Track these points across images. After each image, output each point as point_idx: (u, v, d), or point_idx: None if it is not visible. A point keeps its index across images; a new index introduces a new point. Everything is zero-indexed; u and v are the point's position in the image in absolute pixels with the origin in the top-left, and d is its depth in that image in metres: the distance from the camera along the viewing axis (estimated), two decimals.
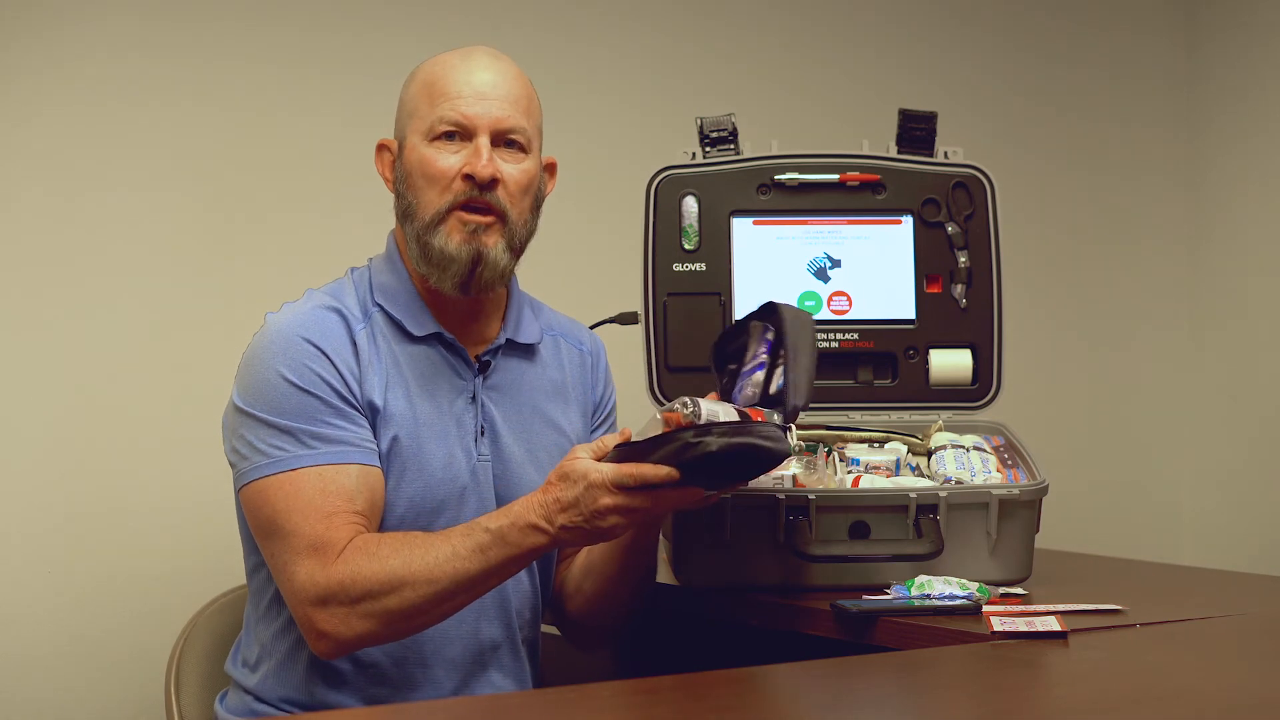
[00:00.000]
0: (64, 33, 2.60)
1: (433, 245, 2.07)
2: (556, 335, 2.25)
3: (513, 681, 2.14)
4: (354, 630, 1.96)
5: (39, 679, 2.54)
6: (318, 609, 1.95)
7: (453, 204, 2.07)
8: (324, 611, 1.95)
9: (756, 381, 2.11)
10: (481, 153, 2.06)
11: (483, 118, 2.07)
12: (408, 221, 2.10)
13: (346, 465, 2.00)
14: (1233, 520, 3.49)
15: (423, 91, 2.10)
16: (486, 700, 2.03)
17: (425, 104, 2.09)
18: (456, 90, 2.08)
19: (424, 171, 2.08)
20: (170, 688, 2.26)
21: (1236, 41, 3.50)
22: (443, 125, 2.07)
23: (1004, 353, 2.48)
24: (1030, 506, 2.23)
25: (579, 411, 2.24)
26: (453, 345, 2.12)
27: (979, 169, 2.49)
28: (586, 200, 2.97)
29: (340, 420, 2.02)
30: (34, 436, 2.57)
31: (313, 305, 2.08)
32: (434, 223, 2.07)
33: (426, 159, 2.08)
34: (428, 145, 2.08)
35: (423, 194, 2.08)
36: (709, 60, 3.15)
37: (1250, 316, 3.46)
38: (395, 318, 2.10)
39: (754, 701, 1.64)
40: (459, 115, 2.07)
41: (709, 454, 1.89)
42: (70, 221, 2.60)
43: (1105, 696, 1.63)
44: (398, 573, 1.94)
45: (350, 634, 1.96)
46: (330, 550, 1.96)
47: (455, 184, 2.07)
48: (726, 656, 1.95)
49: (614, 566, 2.15)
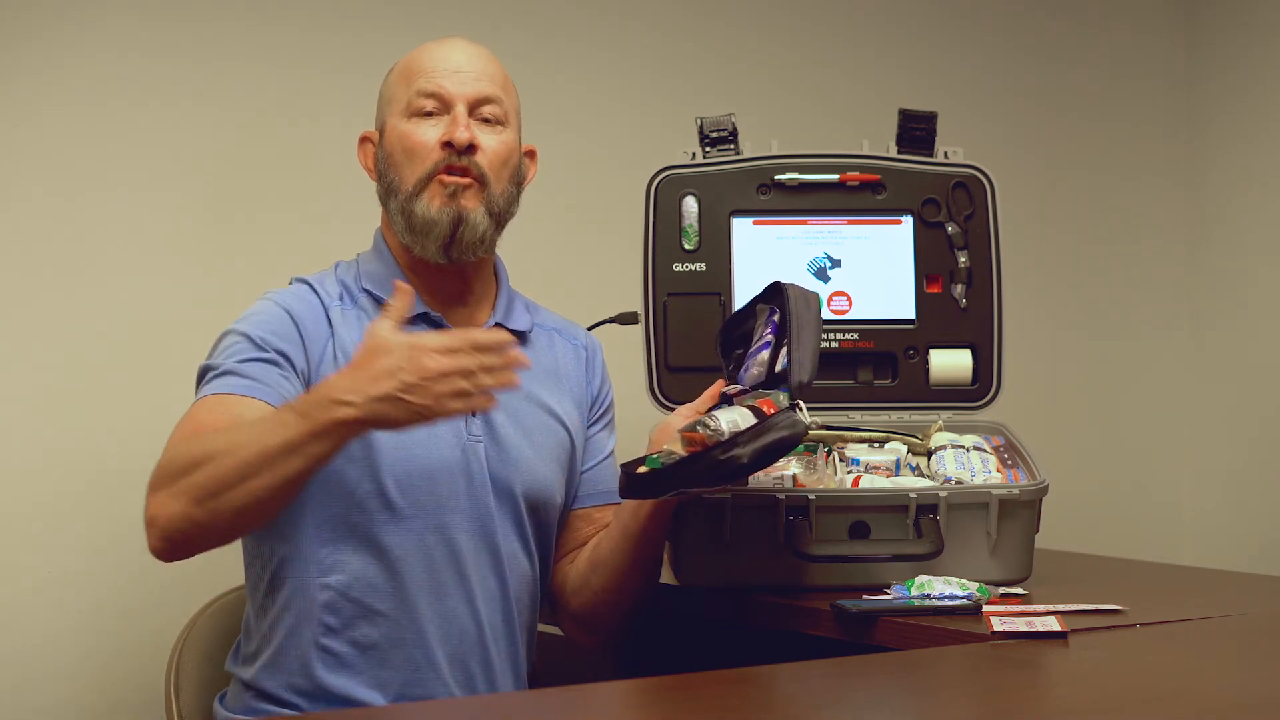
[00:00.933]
0: (64, 33, 2.60)
1: (415, 213, 2.12)
2: (550, 331, 2.27)
3: (510, 667, 2.14)
4: (169, 510, 1.92)
5: (39, 679, 2.54)
6: (149, 499, 1.95)
7: (432, 171, 2.12)
8: (151, 498, 1.95)
9: (762, 361, 2.15)
10: (459, 120, 2.12)
11: (459, 88, 2.14)
12: (391, 198, 2.15)
13: (249, 398, 2.01)
14: (1233, 520, 3.48)
15: (399, 77, 2.17)
16: (487, 700, 2.03)
17: (402, 86, 2.16)
18: (432, 67, 2.15)
19: (404, 145, 2.13)
20: (170, 688, 2.27)
21: (1236, 42, 3.50)
22: (419, 99, 2.13)
23: (1004, 353, 2.48)
24: (1030, 506, 2.23)
25: (573, 401, 2.25)
26: (439, 324, 2.14)
27: (979, 169, 2.49)
28: (587, 200, 2.97)
29: (263, 365, 2.04)
30: (34, 436, 2.56)
31: (292, 286, 2.17)
32: (416, 191, 2.12)
33: (405, 133, 2.13)
34: (406, 122, 2.14)
35: (403, 168, 2.13)
36: (709, 60, 3.15)
37: (1251, 316, 3.46)
38: (383, 300, 2.11)
39: (754, 701, 1.64)
40: (434, 87, 2.13)
41: (742, 465, 1.95)
42: (69, 221, 2.60)
43: (1105, 696, 1.63)
44: (207, 449, 1.92)
45: (165, 514, 1.92)
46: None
47: (435, 153, 2.12)
48: (726, 656, 1.95)
49: (625, 558, 2.15)
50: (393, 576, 2.07)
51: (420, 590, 2.08)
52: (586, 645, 2.27)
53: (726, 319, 2.29)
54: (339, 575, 2.06)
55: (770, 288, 2.21)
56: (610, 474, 2.26)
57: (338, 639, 2.06)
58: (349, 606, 2.07)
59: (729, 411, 2.02)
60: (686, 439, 2.00)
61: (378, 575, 2.07)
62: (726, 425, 1.98)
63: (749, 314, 2.24)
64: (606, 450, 2.29)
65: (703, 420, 2.00)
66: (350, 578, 2.07)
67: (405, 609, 2.07)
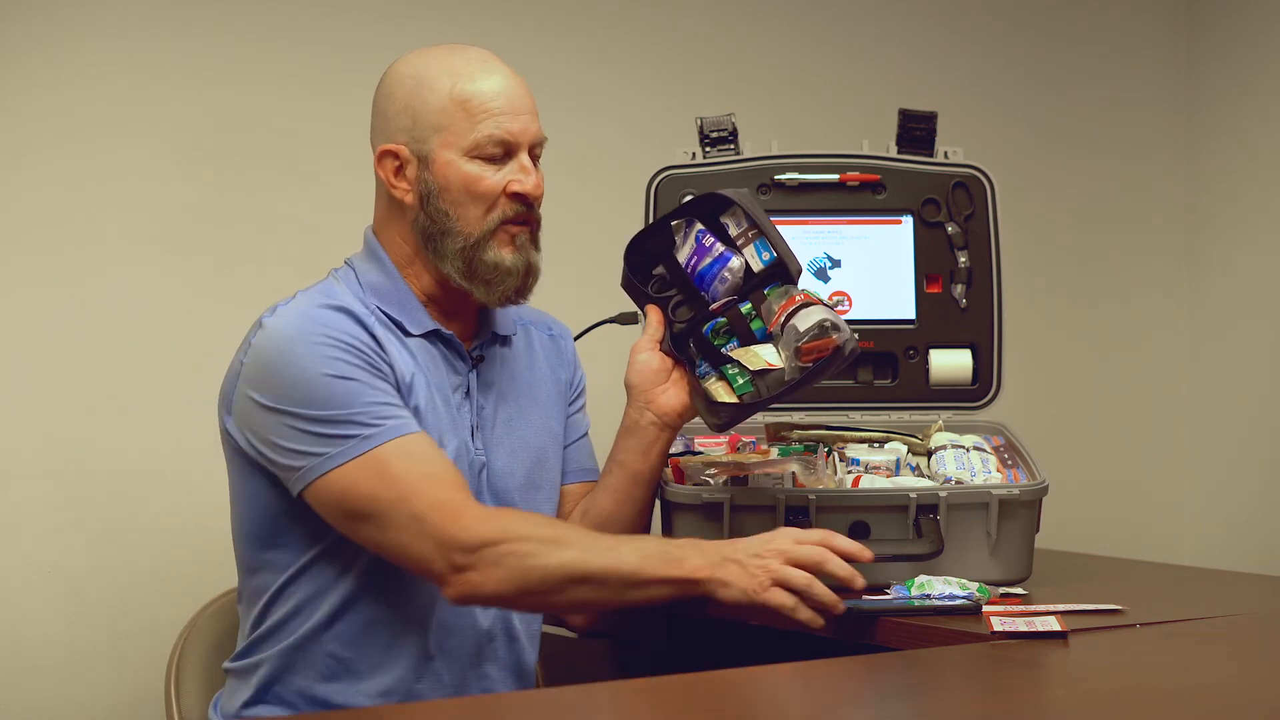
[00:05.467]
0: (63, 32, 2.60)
1: (484, 260, 2.10)
2: (526, 325, 2.28)
3: (510, 674, 2.14)
4: (496, 589, 1.97)
5: (39, 680, 2.54)
6: (468, 558, 1.96)
7: (501, 220, 2.10)
8: (472, 557, 1.96)
9: (734, 268, 2.20)
10: (530, 171, 2.11)
11: (524, 134, 2.11)
12: (445, 237, 2.10)
13: (412, 435, 2.01)
14: (1233, 520, 3.48)
15: (453, 105, 2.09)
16: (487, 700, 2.03)
17: (460, 119, 2.09)
18: (496, 106, 2.09)
19: (470, 190, 2.09)
20: (170, 688, 2.26)
21: (1236, 42, 3.50)
22: (490, 145, 2.09)
23: (1004, 353, 2.48)
24: (1030, 506, 2.23)
25: (556, 394, 2.27)
26: (450, 341, 2.14)
27: (979, 169, 2.49)
28: (587, 200, 2.97)
29: (389, 397, 2.03)
30: (33, 436, 2.56)
31: (315, 304, 2.07)
32: (484, 239, 2.10)
33: (473, 177, 2.09)
34: (469, 162, 2.09)
35: (467, 210, 2.10)
36: (709, 60, 3.15)
37: (1251, 316, 3.46)
38: (394, 317, 2.11)
39: (754, 701, 1.64)
40: (505, 134, 2.09)
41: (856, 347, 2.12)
42: (69, 220, 2.60)
43: (1105, 696, 1.63)
44: (554, 537, 1.98)
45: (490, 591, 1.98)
46: (459, 502, 1.98)
47: (502, 201, 2.10)
48: (727, 656, 1.95)
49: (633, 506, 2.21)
50: (396, 584, 2.07)
51: (422, 595, 2.08)
52: (583, 627, 2.25)
53: (632, 241, 2.28)
54: (343, 585, 2.07)
55: (691, 203, 2.26)
56: (587, 451, 2.32)
57: (338, 645, 2.06)
58: (351, 614, 2.07)
59: (811, 314, 2.11)
60: (808, 349, 2.10)
61: (381, 584, 2.07)
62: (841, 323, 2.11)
63: (660, 230, 2.26)
64: (583, 429, 2.33)
65: (820, 325, 2.10)
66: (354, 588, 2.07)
67: (407, 615, 2.08)
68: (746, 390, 2.15)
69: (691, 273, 2.23)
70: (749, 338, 2.20)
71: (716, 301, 2.22)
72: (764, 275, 2.20)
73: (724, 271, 2.20)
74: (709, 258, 2.21)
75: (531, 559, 1.96)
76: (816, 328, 2.09)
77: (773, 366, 2.14)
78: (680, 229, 2.25)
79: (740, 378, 2.15)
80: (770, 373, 2.14)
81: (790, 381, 2.12)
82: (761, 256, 2.20)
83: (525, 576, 1.96)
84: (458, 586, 1.98)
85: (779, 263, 2.19)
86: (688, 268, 2.24)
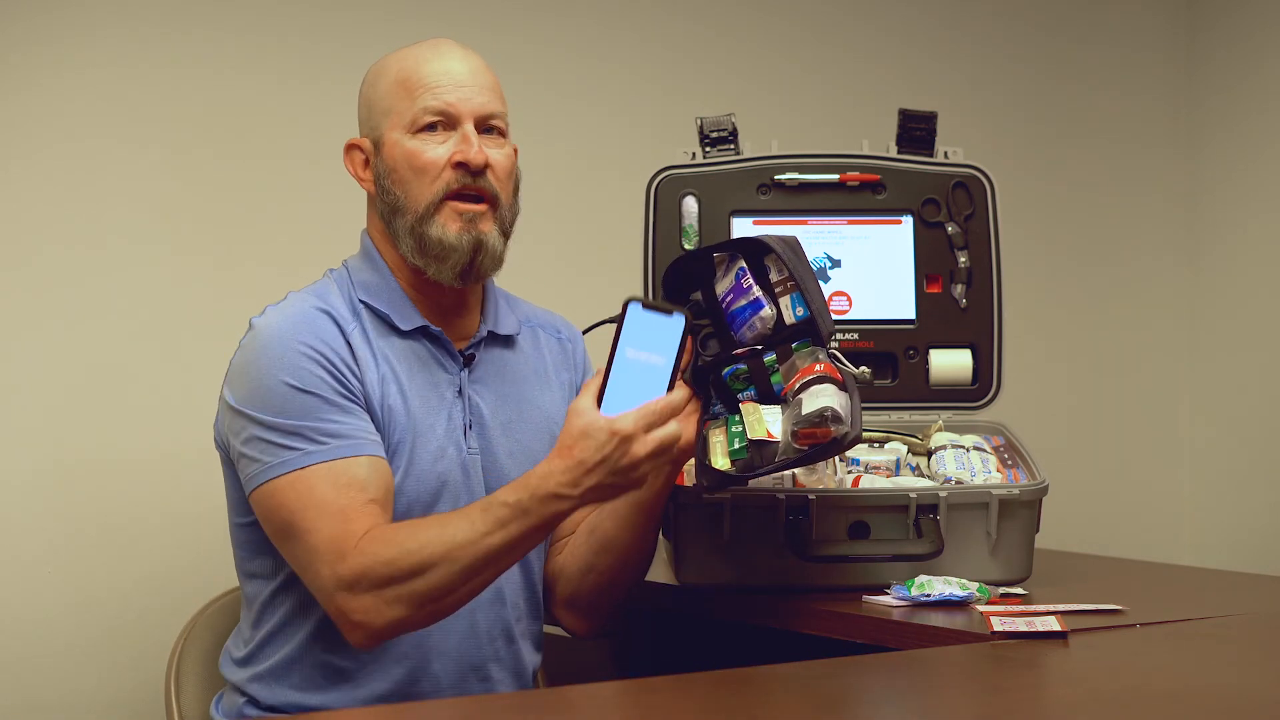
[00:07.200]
0: (63, 32, 2.60)
1: (429, 236, 2.08)
2: (534, 326, 2.26)
3: (510, 675, 2.14)
4: (385, 617, 1.95)
5: (39, 680, 2.54)
6: (347, 598, 1.95)
7: (445, 193, 2.09)
8: (354, 600, 1.95)
9: (765, 318, 2.14)
10: (471, 140, 2.09)
11: (466, 104, 2.10)
12: (396, 216, 2.11)
13: (356, 458, 2.00)
14: (1233, 520, 3.49)
15: (397, 87, 2.12)
16: (487, 700, 2.03)
17: (403, 99, 2.11)
18: (435, 81, 2.11)
19: (412, 164, 2.09)
20: (170, 688, 2.26)
21: (1235, 41, 3.50)
22: (426, 116, 2.09)
23: (1004, 353, 2.48)
24: (1030, 506, 2.23)
25: (562, 397, 2.24)
26: (439, 338, 2.13)
27: (979, 169, 2.49)
28: (587, 200, 2.97)
29: (344, 416, 2.02)
30: (34, 436, 2.57)
31: (301, 307, 2.08)
32: (428, 213, 2.09)
33: (413, 151, 2.09)
34: (411, 138, 2.10)
35: (412, 186, 2.10)
36: (709, 60, 3.15)
37: (1250, 317, 3.46)
38: (382, 313, 2.10)
39: (754, 701, 1.64)
40: (442, 104, 2.09)
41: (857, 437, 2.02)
42: (69, 220, 2.60)
43: (1105, 696, 1.63)
44: (422, 557, 1.94)
45: (382, 621, 1.95)
46: (349, 541, 1.95)
47: (445, 173, 2.09)
48: (726, 656, 1.95)
49: (635, 532, 2.14)
50: None
51: None
52: (584, 632, 2.25)
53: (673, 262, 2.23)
54: None
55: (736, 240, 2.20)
56: None
57: (337, 650, 2.06)
58: None
59: (820, 395, 2.04)
60: (805, 435, 2.01)
61: None
62: (844, 413, 2.02)
63: (699, 258, 2.21)
64: None
65: (820, 414, 2.01)
66: None
67: None
68: (740, 456, 2.07)
69: (725, 309, 2.19)
70: (766, 392, 2.16)
71: (743, 346, 2.18)
72: (794, 330, 2.14)
73: (755, 319, 2.15)
74: (743, 299, 2.16)
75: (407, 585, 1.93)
76: (818, 415, 2.02)
77: (772, 439, 2.07)
78: (723, 262, 2.19)
79: (739, 440, 2.08)
80: (768, 445, 2.07)
81: (783, 460, 2.05)
82: (795, 310, 2.14)
83: (410, 600, 1.94)
84: (352, 633, 1.97)
85: (811, 321, 2.13)
86: (723, 302, 2.19)
